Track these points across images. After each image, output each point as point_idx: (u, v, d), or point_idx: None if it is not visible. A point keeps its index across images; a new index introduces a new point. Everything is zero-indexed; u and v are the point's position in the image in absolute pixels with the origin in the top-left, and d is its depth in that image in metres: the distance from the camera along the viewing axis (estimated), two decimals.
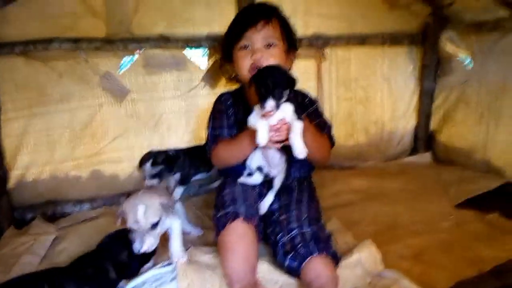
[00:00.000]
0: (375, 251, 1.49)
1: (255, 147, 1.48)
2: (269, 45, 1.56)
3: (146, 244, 1.26)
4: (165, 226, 1.37)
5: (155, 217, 1.28)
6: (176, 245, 1.40)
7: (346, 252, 1.53)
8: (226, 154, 1.59)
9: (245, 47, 1.57)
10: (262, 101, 1.29)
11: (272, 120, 1.34)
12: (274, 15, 1.59)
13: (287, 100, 1.34)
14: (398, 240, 1.69)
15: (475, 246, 1.63)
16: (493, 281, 1.38)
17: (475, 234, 1.74)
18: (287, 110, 1.34)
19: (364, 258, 1.46)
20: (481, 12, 2.34)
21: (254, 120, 1.38)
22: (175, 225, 1.41)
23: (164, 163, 1.92)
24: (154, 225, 1.29)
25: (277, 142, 1.38)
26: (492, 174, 2.31)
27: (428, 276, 1.44)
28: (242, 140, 1.50)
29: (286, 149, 1.45)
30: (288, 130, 1.35)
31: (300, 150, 1.32)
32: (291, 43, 1.65)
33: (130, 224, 1.28)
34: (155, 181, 1.87)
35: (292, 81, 1.38)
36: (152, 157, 1.90)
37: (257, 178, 1.60)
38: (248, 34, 1.55)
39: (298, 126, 1.34)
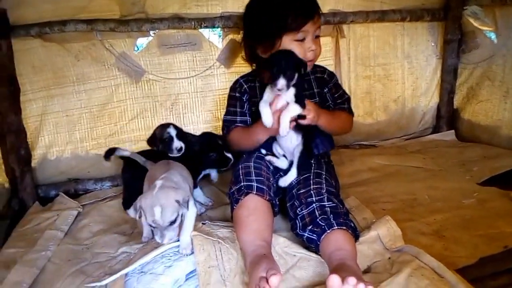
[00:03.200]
0: (394, 227, 1.46)
1: (267, 137, 1.57)
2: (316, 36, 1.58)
3: (166, 238, 1.27)
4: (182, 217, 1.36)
5: (172, 216, 1.26)
6: (186, 235, 1.37)
7: (364, 228, 1.51)
8: (240, 142, 1.67)
9: (300, 40, 1.55)
10: (274, 80, 1.37)
11: (278, 103, 1.43)
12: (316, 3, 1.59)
13: (294, 85, 1.41)
14: (418, 217, 1.65)
15: (499, 222, 1.57)
16: None
17: (499, 211, 1.67)
18: (289, 92, 1.42)
19: (382, 234, 1.44)
20: None
21: (262, 104, 1.47)
22: (190, 213, 1.37)
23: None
24: (172, 222, 1.27)
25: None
26: None
27: (450, 252, 1.40)
28: (254, 131, 1.58)
29: (302, 129, 1.51)
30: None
31: (282, 130, 1.41)
32: None
33: (149, 221, 1.28)
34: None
35: (303, 66, 1.44)
36: (168, 126, 1.82)
37: (283, 162, 1.65)
38: (306, 28, 1.52)
39: (293, 108, 1.41)
